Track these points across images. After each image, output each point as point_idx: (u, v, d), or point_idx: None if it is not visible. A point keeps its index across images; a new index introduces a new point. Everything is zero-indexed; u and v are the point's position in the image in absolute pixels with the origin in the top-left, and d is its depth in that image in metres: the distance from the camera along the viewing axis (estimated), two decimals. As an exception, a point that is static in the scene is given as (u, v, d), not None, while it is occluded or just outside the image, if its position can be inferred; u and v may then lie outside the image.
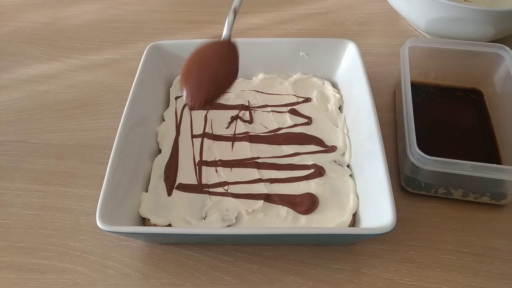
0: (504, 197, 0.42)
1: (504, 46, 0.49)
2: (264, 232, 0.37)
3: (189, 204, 0.42)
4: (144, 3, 0.72)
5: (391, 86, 0.56)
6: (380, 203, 0.37)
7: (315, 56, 0.52)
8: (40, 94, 0.57)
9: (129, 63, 0.60)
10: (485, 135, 0.48)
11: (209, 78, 0.35)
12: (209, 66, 0.36)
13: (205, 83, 0.35)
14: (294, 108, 0.50)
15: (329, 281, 0.39)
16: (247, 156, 0.45)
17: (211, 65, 0.36)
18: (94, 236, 0.43)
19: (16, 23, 0.69)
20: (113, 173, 0.39)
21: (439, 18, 0.56)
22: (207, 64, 0.36)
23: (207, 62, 0.36)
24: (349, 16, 0.68)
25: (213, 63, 0.36)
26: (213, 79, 0.36)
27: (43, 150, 0.51)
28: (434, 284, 0.39)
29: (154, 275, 0.40)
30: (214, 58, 0.36)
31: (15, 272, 0.41)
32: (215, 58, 0.36)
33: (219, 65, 0.36)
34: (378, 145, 0.40)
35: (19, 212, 0.45)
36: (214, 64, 0.36)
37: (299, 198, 0.42)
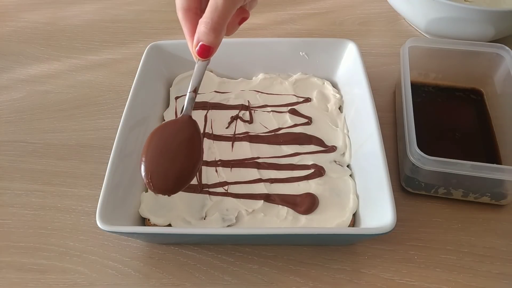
0: (504, 197, 0.42)
1: (504, 46, 0.49)
2: (264, 232, 0.37)
3: (189, 204, 0.42)
4: (144, 3, 0.72)
5: (391, 86, 0.56)
6: (380, 203, 0.37)
7: (315, 56, 0.52)
8: (40, 94, 0.57)
9: (129, 63, 0.60)
10: (485, 135, 0.48)
11: (169, 162, 0.33)
12: (169, 148, 0.33)
13: (166, 168, 0.33)
14: (294, 108, 0.50)
15: (329, 281, 0.39)
16: (247, 156, 0.45)
17: (171, 147, 0.34)
18: (94, 236, 0.43)
19: (16, 23, 0.69)
20: (113, 173, 0.39)
21: (439, 18, 0.56)
22: (167, 146, 0.33)
23: (167, 144, 0.34)
24: (349, 16, 0.68)
25: (173, 143, 0.34)
26: (175, 163, 0.33)
27: (43, 150, 0.51)
28: (434, 284, 0.39)
29: (154, 275, 0.40)
30: (174, 137, 0.34)
31: (15, 272, 0.41)
32: (175, 137, 0.34)
33: (180, 145, 0.34)
34: (378, 145, 0.40)
35: (19, 212, 0.45)
36: (174, 144, 0.34)
37: (299, 198, 0.42)
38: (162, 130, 0.35)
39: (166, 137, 0.34)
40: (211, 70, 0.53)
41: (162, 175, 0.32)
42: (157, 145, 0.33)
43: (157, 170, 0.32)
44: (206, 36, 0.33)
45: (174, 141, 0.34)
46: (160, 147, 0.33)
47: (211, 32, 0.33)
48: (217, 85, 0.52)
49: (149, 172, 0.32)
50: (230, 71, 0.53)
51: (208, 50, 0.33)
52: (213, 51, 0.34)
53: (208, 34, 0.33)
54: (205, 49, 0.33)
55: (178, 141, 0.34)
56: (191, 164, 0.33)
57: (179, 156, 0.33)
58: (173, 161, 0.33)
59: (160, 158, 0.33)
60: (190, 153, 0.34)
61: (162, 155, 0.33)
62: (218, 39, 0.33)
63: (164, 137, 0.34)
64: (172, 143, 0.34)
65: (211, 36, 0.33)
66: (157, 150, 0.33)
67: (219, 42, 0.34)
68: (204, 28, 0.33)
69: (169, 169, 0.33)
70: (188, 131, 0.34)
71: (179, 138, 0.34)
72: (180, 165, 0.33)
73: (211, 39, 0.33)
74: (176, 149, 0.33)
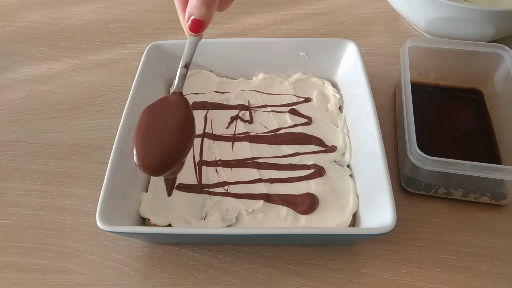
0: (504, 197, 0.42)
1: (504, 46, 0.49)
2: (264, 232, 0.37)
3: (189, 204, 0.42)
4: (144, 3, 0.72)
5: (391, 86, 0.56)
6: (380, 203, 0.37)
7: (315, 56, 0.52)
8: (40, 94, 0.57)
9: (129, 63, 0.60)
10: (485, 135, 0.48)
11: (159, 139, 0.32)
12: (159, 125, 0.33)
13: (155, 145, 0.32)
14: (294, 108, 0.50)
15: (329, 281, 0.39)
16: (247, 156, 0.45)
17: (160, 123, 0.33)
18: (94, 236, 0.43)
19: (16, 23, 0.69)
20: (113, 173, 0.39)
21: (439, 18, 0.56)
22: (156, 123, 0.33)
23: (157, 121, 0.33)
24: (349, 16, 0.68)
25: (163, 120, 0.33)
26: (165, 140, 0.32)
27: (43, 150, 0.51)
28: (434, 284, 0.39)
29: (154, 275, 0.40)
30: (164, 114, 0.33)
31: (15, 272, 0.41)
32: (166, 114, 0.33)
33: (170, 121, 0.33)
34: (378, 145, 0.40)
35: (19, 212, 0.45)
36: (164, 120, 0.33)
37: (299, 198, 0.42)
38: (153, 108, 0.34)
39: (157, 116, 0.33)
40: (211, 70, 0.53)
41: (152, 154, 0.31)
42: (148, 124, 0.33)
43: (147, 150, 0.32)
44: (198, 10, 0.32)
45: (165, 120, 0.33)
46: (151, 126, 0.32)
47: (203, 6, 0.32)
48: (217, 85, 0.52)
49: (139, 151, 0.31)
50: (230, 71, 0.53)
51: (200, 24, 0.33)
52: (205, 26, 0.33)
53: (199, 8, 0.32)
54: (197, 24, 0.33)
55: (168, 120, 0.33)
56: (182, 143, 0.32)
57: (170, 135, 0.32)
58: (164, 141, 0.32)
59: (150, 137, 0.32)
60: (181, 132, 0.33)
61: (152, 134, 0.32)
62: (210, 13, 0.33)
63: (155, 116, 0.33)
64: (163, 122, 0.33)
65: (202, 9, 0.32)
66: (147, 129, 0.32)
67: (211, 16, 0.33)
68: (196, 1, 0.32)
69: (160, 149, 0.32)
70: (179, 110, 0.34)
71: (170, 117, 0.33)
72: (171, 145, 0.32)
73: (203, 13, 0.32)
74: (167, 128, 0.33)
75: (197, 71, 0.53)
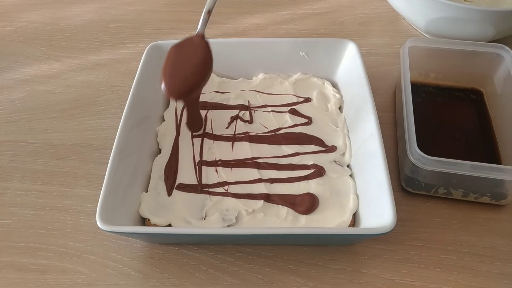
0: (504, 197, 0.42)
1: (504, 46, 0.49)
2: (264, 232, 0.37)
3: (189, 204, 0.42)
4: (144, 3, 0.72)
5: (391, 86, 0.56)
6: (380, 203, 0.37)
7: (315, 56, 0.52)
8: (40, 94, 0.57)
9: (129, 63, 0.60)
10: (485, 135, 0.48)
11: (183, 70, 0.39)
12: (183, 59, 0.39)
13: (180, 75, 0.39)
14: (294, 108, 0.50)
15: (329, 281, 0.39)
16: (247, 156, 0.45)
17: (184, 58, 0.39)
18: (94, 236, 0.43)
19: (16, 23, 0.69)
20: (113, 173, 0.39)
21: (439, 18, 0.56)
22: (181, 58, 0.39)
23: (181, 56, 0.39)
24: (349, 16, 0.68)
25: (187, 56, 0.39)
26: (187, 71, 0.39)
27: (43, 150, 0.51)
28: (434, 284, 0.39)
29: (154, 275, 0.40)
30: (188, 51, 0.40)
31: (15, 272, 0.41)
32: (189, 51, 0.40)
33: (193, 57, 0.39)
34: (378, 145, 0.40)
35: (19, 212, 0.45)
36: (187, 56, 0.39)
37: (299, 198, 0.42)
38: (179, 47, 0.40)
39: (181, 53, 0.39)
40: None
41: (176, 81, 0.38)
42: (174, 59, 0.39)
43: (173, 78, 0.38)
44: None
45: (188, 57, 0.39)
46: (176, 61, 0.39)
47: None
48: (217, 85, 0.52)
49: (166, 79, 0.38)
50: (230, 71, 0.53)
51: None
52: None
53: None
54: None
55: (191, 57, 0.39)
56: (201, 75, 0.39)
57: (191, 68, 0.39)
58: (186, 72, 0.39)
59: (175, 69, 0.39)
60: (200, 67, 0.39)
61: (177, 66, 0.39)
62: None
63: (180, 53, 0.39)
64: (186, 58, 0.39)
65: None
66: (173, 62, 0.39)
67: None
68: None
69: (183, 77, 0.38)
70: (200, 49, 0.40)
71: (192, 54, 0.39)
72: (192, 75, 0.39)
73: None
74: (189, 63, 0.39)
75: None
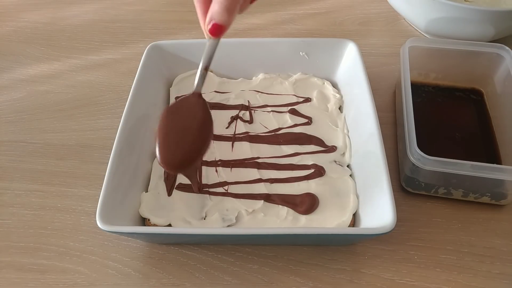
0: (504, 197, 0.42)
1: (504, 46, 0.49)
2: (264, 232, 0.37)
3: (189, 204, 0.42)
4: (144, 3, 0.72)
5: (391, 86, 0.56)
6: (380, 203, 0.37)
7: (315, 56, 0.52)
8: (40, 94, 0.57)
9: (129, 63, 0.60)
10: (485, 135, 0.48)
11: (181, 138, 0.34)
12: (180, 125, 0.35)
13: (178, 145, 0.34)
14: (294, 108, 0.50)
15: (329, 281, 0.39)
16: (247, 156, 0.45)
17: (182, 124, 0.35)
18: (94, 236, 0.43)
19: (16, 23, 0.69)
20: (113, 173, 0.39)
21: (439, 18, 0.56)
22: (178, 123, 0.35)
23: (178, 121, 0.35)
24: (349, 16, 0.68)
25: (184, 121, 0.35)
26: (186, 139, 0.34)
27: (43, 150, 0.51)
28: (434, 284, 0.39)
29: (154, 275, 0.40)
30: (185, 115, 0.35)
31: (15, 272, 0.41)
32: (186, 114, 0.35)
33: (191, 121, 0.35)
34: (378, 145, 0.40)
35: (19, 212, 0.45)
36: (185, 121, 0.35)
37: (299, 198, 0.42)
38: (174, 109, 0.35)
39: (178, 117, 0.35)
40: (211, 70, 0.53)
41: (175, 153, 0.33)
42: (169, 125, 0.34)
43: (170, 149, 0.33)
44: (219, 15, 0.33)
45: (185, 121, 0.35)
46: (172, 126, 0.34)
47: (225, 12, 0.33)
48: (217, 85, 0.52)
49: (162, 151, 0.33)
50: (230, 71, 0.53)
51: (220, 29, 0.33)
52: (225, 30, 0.34)
53: (221, 14, 0.33)
54: (217, 28, 0.33)
55: (189, 121, 0.35)
56: (201, 143, 0.34)
57: (190, 135, 0.34)
58: (185, 141, 0.34)
59: (172, 138, 0.34)
60: (200, 132, 0.34)
61: (174, 134, 0.34)
62: (231, 19, 0.33)
63: (176, 117, 0.35)
64: (184, 122, 0.34)
65: (224, 15, 0.33)
66: (169, 129, 0.34)
67: (232, 21, 0.34)
68: (218, 7, 0.33)
69: (181, 148, 0.34)
70: (198, 111, 0.35)
71: (190, 118, 0.35)
72: (191, 144, 0.34)
73: (224, 18, 0.33)
74: (187, 129, 0.34)
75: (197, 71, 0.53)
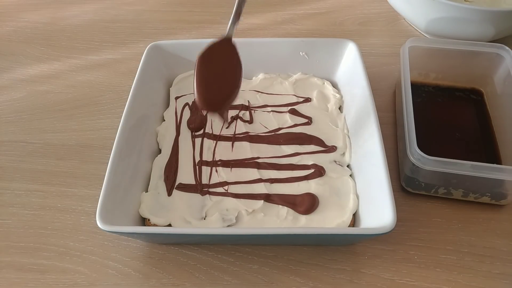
0: (504, 197, 0.42)
1: (504, 46, 0.49)
2: (264, 232, 0.37)
3: (189, 204, 0.42)
4: (144, 3, 0.72)
5: (391, 86, 0.56)
6: (380, 203, 0.37)
7: (315, 56, 0.52)
8: (40, 94, 0.57)
9: (129, 63, 0.60)
10: (485, 135, 0.48)
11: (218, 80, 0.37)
12: (216, 69, 0.37)
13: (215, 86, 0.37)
14: (294, 108, 0.50)
15: (329, 281, 0.39)
16: (247, 156, 0.45)
17: (217, 68, 0.37)
18: (94, 236, 0.43)
19: (16, 23, 0.69)
20: (113, 173, 0.39)
21: (439, 18, 0.56)
22: (213, 68, 0.37)
23: (213, 66, 0.37)
24: (349, 16, 0.68)
25: (219, 64, 0.37)
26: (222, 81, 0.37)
27: (43, 150, 0.51)
28: (434, 284, 0.39)
29: (154, 275, 0.40)
30: (219, 59, 0.38)
31: (15, 272, 0.41)
32: (220, 58, 0.38)
33: (225, 64, 0.38)
34: (378, 145, 0.40)
35: (19, 212, 0.45)
36: (220, 65, 0.38)
37: (299, 198, 0.42)
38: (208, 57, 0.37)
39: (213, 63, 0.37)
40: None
41: (212, 94, 0.37)
42: (206, 70, 0.37)
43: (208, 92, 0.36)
44: None
45: (220, 65, 0.38)
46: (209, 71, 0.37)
47: None
48: (217, 85, 0.52)
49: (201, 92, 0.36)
50: (230, 71, 0.53)
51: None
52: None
53: None
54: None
55: (223, 65, 0.38)
56: (234, 84, 0.38)
57: (225, 77, 0.38)
58: (221, 82, 0.37)
59: (208, 80, 0.37)
60: (233, 75, 0.38)
61: (211, 78, 0.37)
62: None
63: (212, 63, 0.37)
64: (218, 66, 0.37)
65: None
66: (206, 74, 0.37)
67: None
68: None
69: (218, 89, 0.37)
70: (232, 55, 0.38)
71: (224, 62, 0.38)
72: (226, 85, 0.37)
73: None
74: (222, 72, 0.38)
75: None
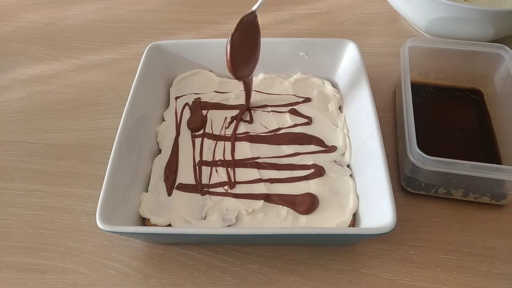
0: (504, 197, 0.42)
1: (504, 46, 0.49)
2: (264, 232, 0.37)
3: (189, 204, 0.42)
4: (144, 3, 0.72)
5: (391, 86, 0.56)
6: (380, 203, 0.37)
7: (315, 56, 0.52)
8: (40, 94, 0.57)
9: (129, 63, 0.60)
10: (485, 135, 0.48)
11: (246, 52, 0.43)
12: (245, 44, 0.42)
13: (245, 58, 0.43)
14: (294, 108, 0.50)
15: (329, 281, 0.39)
16: (247, 156, 0.45)
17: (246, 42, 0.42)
18: (94, 236, 0.43)
19: (16, 23, 0.69)
20: (113, 173, 0.39)
21: (439, 18, 0.56)
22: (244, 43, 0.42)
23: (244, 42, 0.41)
24: (349, 16, 0.68)
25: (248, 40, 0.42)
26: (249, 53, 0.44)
27: (43, 150, 0.51)
28: (434, 284, 0.39)
29: (154, 275, 0.40)
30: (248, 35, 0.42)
31: (15, 272, 0.41)
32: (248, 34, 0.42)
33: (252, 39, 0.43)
34: (378, 145, 0.40)
35: (19, 212, 0.45)
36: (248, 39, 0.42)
37: (299, 198, 0.42)
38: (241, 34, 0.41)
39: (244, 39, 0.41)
40: (211, 70, 0.53)
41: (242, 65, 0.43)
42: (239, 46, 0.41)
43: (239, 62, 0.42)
44: None
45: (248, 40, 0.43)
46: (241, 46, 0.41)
47: None
48: (217, 85, 0.52)
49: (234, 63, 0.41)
50: (230, 71, 0.53)
51: None
52: None
53: None
54: None
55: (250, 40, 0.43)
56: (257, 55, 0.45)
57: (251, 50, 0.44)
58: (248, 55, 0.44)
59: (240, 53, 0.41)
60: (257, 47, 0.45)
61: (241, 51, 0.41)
62: None
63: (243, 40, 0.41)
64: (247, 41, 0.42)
65: None
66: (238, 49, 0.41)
67: None
68: None
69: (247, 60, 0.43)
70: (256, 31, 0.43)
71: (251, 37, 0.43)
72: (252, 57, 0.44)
73: None
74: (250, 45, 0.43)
75: (197, 71, 0.53)
